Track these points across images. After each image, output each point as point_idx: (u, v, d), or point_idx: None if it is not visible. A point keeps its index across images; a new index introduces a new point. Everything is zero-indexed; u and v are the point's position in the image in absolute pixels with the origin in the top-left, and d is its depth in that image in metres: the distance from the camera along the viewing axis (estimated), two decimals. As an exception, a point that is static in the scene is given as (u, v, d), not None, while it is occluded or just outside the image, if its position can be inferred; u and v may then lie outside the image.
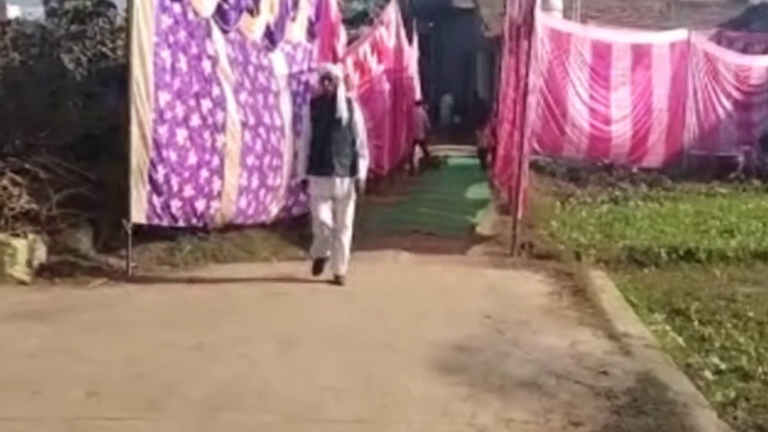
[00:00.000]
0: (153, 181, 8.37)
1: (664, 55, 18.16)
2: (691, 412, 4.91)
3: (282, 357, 5.89)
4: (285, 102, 10.32)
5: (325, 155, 7.94)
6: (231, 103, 9.26)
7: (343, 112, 7.96)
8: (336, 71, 8.32)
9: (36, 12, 13.26)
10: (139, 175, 8.26)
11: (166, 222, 8.68)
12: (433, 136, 22.12)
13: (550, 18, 18.15)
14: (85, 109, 9.98)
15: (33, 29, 12.19)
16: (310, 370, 5.58)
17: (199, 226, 9.20)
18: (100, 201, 8.94)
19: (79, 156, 9.30)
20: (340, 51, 12.32)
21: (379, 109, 15.56)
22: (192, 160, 8.80)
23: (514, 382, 5.36)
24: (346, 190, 8.06)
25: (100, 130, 9.38)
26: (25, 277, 8.09)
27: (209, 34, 9.00)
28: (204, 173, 8.97)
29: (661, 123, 18.22)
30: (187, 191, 8.78)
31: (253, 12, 9.69)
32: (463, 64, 32.18)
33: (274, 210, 10.31)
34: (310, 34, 11.00)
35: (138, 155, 8.21)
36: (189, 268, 8.70)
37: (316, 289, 7.96)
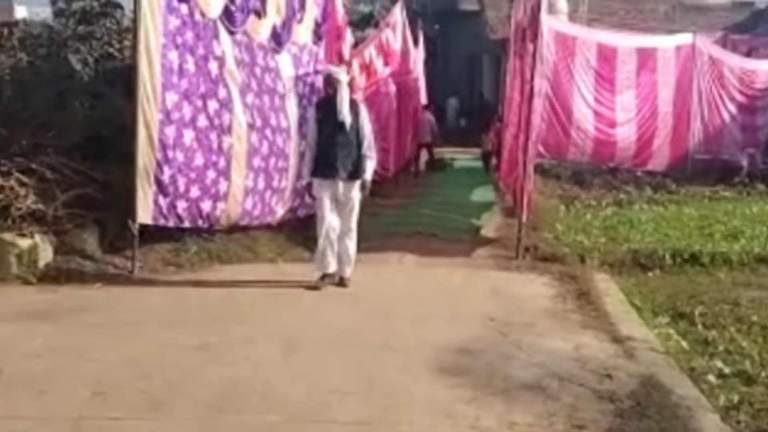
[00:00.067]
0: (159, 182, 8.39)
1: (670, 59, 18.13)
2: (695, 416, 4.92)
3: (286, 358, 5.91)
4: (291, 104, 10.34)
5: (330, 158, 7.90)
6: (237, 104, 9.29)
7: (344, 115, 7.90)
8: (338, 74, 8.25)
9: (43, 12, 13.27)
10: (146, 176, 8.28)
11: (171, 223, 8.69)
12: (439, 138, 22.11)
13: (555, 21, 18.15)
14: (92, 109, 9.97)
15: (40, 30, 12.19)
16: (314, 371, 5.60)
17: (205, 227, 9.22)
18: (107, 201, 8.94)
19: (85, 156, 9.30)
20: (346, 53, 12.35)
21: (385, 111, 15.60)
22: (199, 161, 8.82)
23: (518, 385, 5.36)
24: (351, 193, 8.03)
25: (107, 131, 9.37)
26: (31, 277, 8.12)
27: (216, 36, 9.02)
28: (210, 174, 8.99)
29: (665, 126, 18.19)
30: (194, 192, 8.80)
31: (260, 14, 9.71)
32: (468, 66, 32.22)
33: (280, 211, 10.33)
34: (317, 36, 11.03)
35: (144, 156, 8.23)
36: (194, 268, 8.73)
37: (321, 291, 7.97)
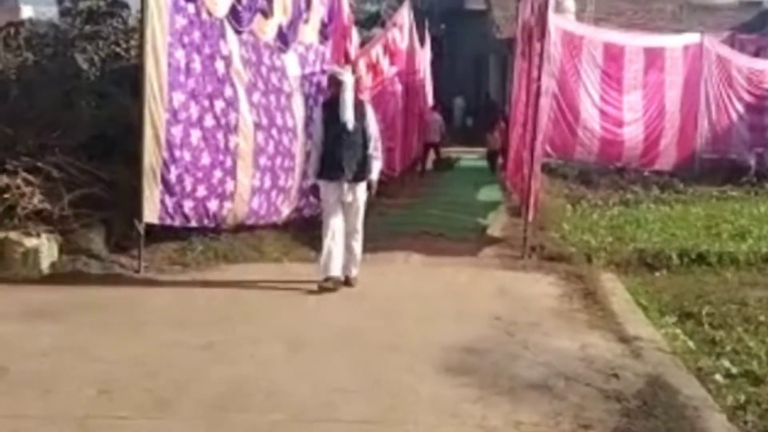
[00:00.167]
0: (165, 182, 8.39)
1: (677, 58, 18.07)
2: (702, 416, 4.90)
3: (291, 357, 5.91)
4: (297, 103, 10.33)
5: (335, 159, 7.84)
6: (244, 103, 9.28)
7: (347, 117, 7.81)
8: (340, 75, 8.14)
9: (50, 12, 13.34)
10: (152, 175, 8.28)
11: (178, 222, 8.70)
12: (447, 138, 22.11)
13: (562, 20, 18.12)
14: (99, 109, 10.00)
15: (47, 29, 12.24)
16: (319, 370, 5.60)
17: (212, 226, 9.23)
18: (113, 201, 8.97)
19: (91, 156, 9.32)
20: (353, 53, 12.35)
21: (391, 110, 15.58)
22: (205, 160, 8.82)
23: (524, 384, 5.35)
24: (356, 194, 7.96)
25: (113, 130, 9.39)
26: (36, 276, 8.14)
27: (223, 35, 9.02)
28: (217, 174, 8.99)
29: (673, 126, 18.13)
30: (200, 191, 8.80)
31: (266, 13, 9.70)
32: (475, 66, 32.18)
33: (286, 211, 10.33)
34: (323, 36, 11.01)
35: (151, 155, 8.24)
36: (200, 268, 8.73)
37: (327, 291, 7.93)
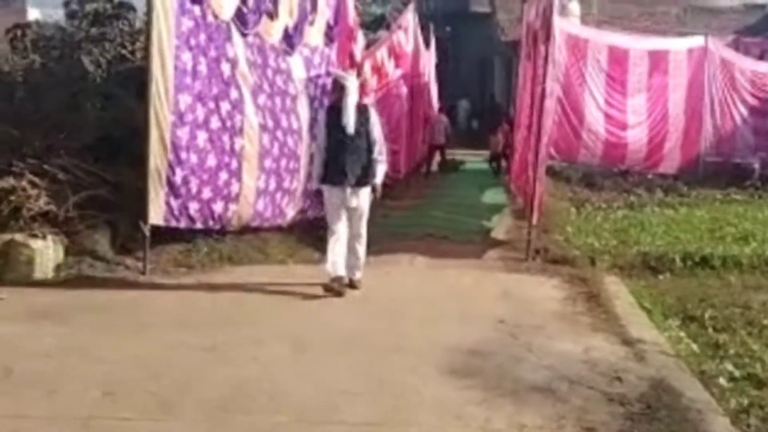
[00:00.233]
0: (171, 183, 8.41)
1: (681, 62, 18.10)
2: (705, 419, 4.90)
3: (295, 359, 5.92)
4: (302, 105, 10.36)
5: (339, 163, 7.78)
6: (249, 106, 9.31)
7: (349, 123, 7.75)
8: (343, 80, 8.07)
9: (56, 14, 13.35)
10: (157, 177, 8.29)
11: (183, 224, 8.71)
12: (452, 140, 22.13)
13: (567, 23, 18.13)
14: (105, 111, 10.03)
15: (53, 31, 12.29)
16: (323, 372, 5.61)
17: (216, 228, 9.25)
18: (118, 203, 8.98)
19: (97, 158, 9.34)
20: (358, 55, 12.36)
21: (396, 113, 15.62)
22: (211, 162, 8.84)
23: (528, 387, 5.36)
24: (360, 199, 7.91)
25: (119, 132, 9.41)
26: (42, 277, 8.16)
27: (229, 37, 9.04)
28: (223, 176, 9.01)
29: (677, 129, 18.15)
30: (206, 193, 8.82)
31: (272, 15, 9.73)
32: (480, 68, 32.24)
33: (291, 213, 10.35)
34: (329, 38, 11.04)
35: (156, 157, 8.25)
36: (205, 270, 8.74)
37: (331, 293, 7.94)
